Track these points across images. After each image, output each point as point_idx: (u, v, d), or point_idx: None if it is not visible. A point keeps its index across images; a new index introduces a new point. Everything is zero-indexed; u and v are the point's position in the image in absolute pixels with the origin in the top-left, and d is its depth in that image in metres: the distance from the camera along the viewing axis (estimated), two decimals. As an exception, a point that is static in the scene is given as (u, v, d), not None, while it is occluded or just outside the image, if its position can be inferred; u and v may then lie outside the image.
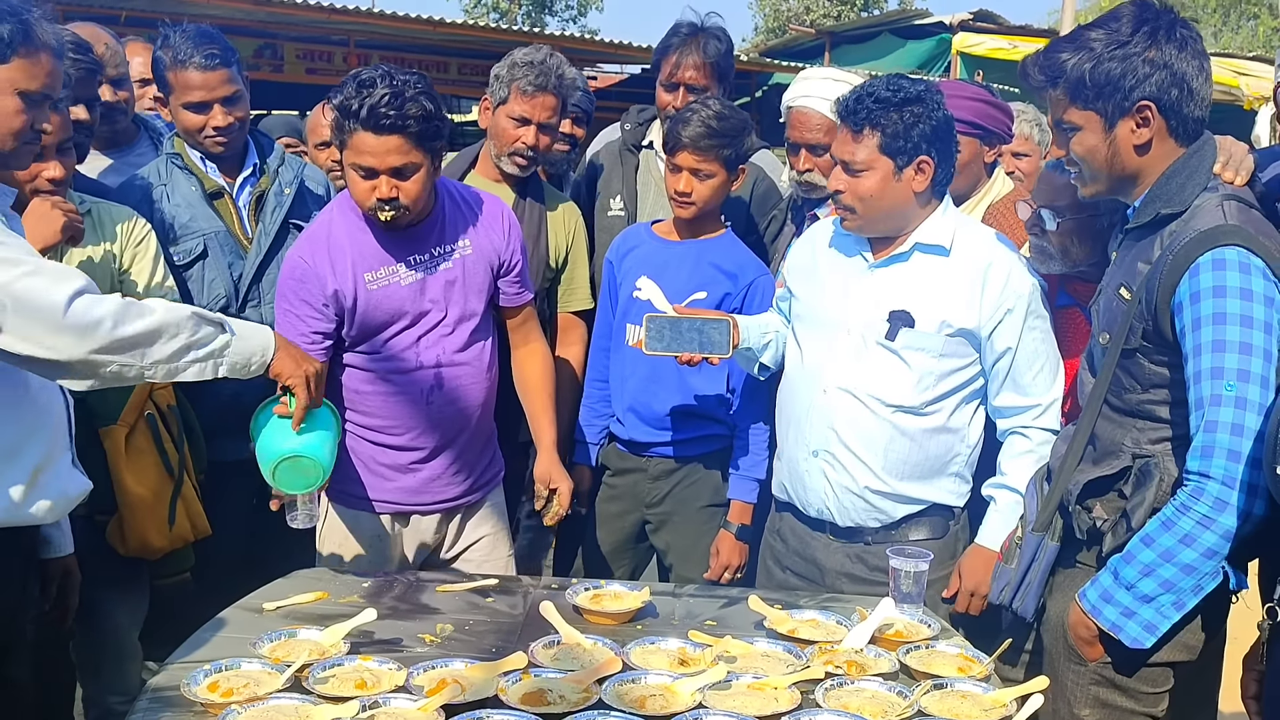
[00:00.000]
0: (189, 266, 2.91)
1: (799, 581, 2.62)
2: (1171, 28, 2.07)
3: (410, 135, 2.40)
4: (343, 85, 2.43)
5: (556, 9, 32.54)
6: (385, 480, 2.68)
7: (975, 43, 11.91)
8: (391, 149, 2.40)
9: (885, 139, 2.40)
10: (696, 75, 3.23)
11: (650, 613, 2.31)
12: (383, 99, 2.36)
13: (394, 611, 2.27)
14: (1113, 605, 2.07)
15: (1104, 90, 2.07)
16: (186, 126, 2.90)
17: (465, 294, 2.67)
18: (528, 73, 3.02)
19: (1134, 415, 2.17)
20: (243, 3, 9.09)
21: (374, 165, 2.41)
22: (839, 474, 2.53)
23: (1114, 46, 2.06)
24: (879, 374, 2.49)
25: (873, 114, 2.39)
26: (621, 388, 3.03)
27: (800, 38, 14.71)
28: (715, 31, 3.28)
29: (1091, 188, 2.21)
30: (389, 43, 11.19)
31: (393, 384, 2.63)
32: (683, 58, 3.23)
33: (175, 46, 2.84)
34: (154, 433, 2.65)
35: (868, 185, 2.43)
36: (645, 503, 3.05)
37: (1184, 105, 2.08)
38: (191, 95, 2.85)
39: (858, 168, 2.42)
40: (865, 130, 2.40)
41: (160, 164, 2.98)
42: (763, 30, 30.90)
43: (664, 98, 3.30)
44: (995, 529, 2.50)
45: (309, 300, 2.56)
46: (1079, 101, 2.11)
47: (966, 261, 2.48)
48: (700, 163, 2.81)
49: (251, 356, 2.12)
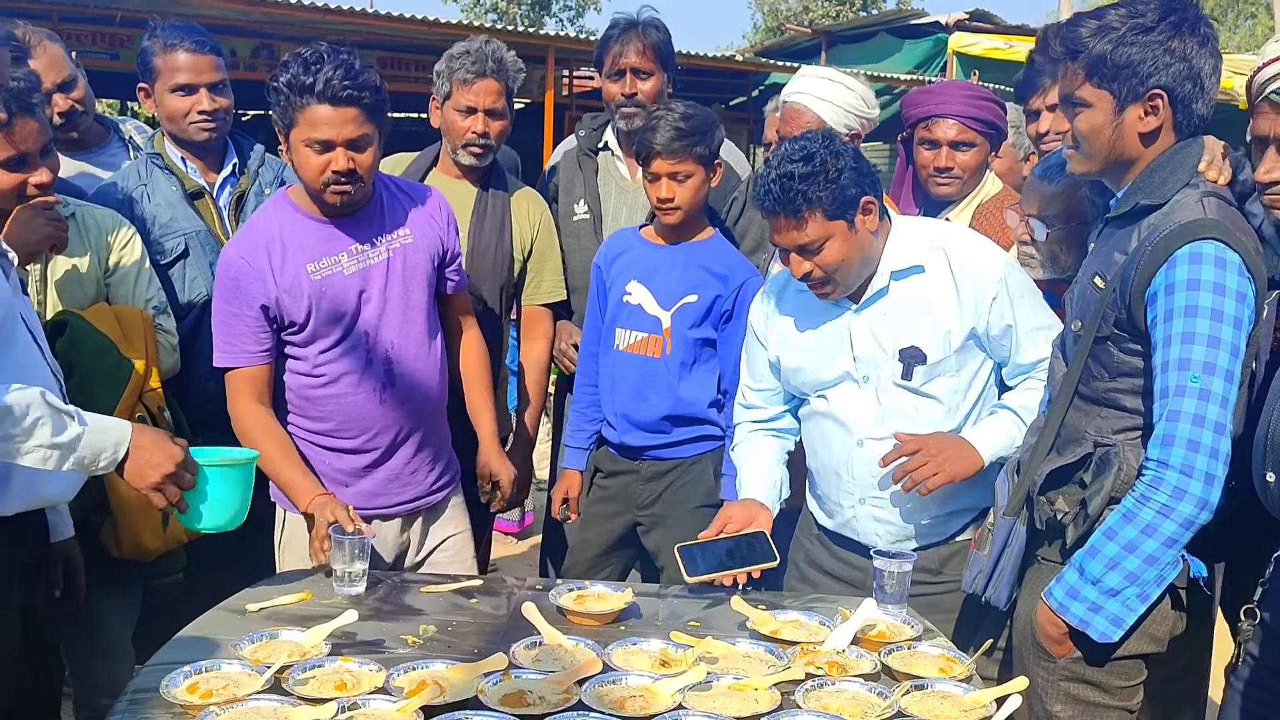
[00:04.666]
0: (170, 265, 2.92)
1: (837, 585, 2.60)
2: (1196, 23, 2.07)
3: (365, 107, 2.43)
4: (286, 65, 2.43)
5: (554, 10, 32.53)
6: (342, 486, 2.64)
7: (971, 42, 11.93)
8: (349, 119, 2.41)
9: (827, 208, 2.35)
10: (640, 60, 3.26)
11: (634, 613, 2.31)
12: (338, 71, 2.38)
13: (377, 612, 2.27)
14: (1079, 601, 2.08)
15: (1121, 72, 2.07)
16: (172, 111, 2.92)
17: (408, 282, 2.64)
18: (465, 62, 3.07)
19: (1100, 404, 2.19)
20: (238, 3, 9.09)
21: (331, 137, 2.41)
22: (892, 515, 2.53)
23: (1138, 31, 2.06)
24: (909, 414, 2.48)
25: (806, 194, 2.34)
26: (612, 392, 3.03)
27: (797, 37, 14.72)
28: (653, 21, 3.32)
29: (1084, 165, 2.21)
30: (385, 43, 11.19)
31: (344, 383, 2.60)
32: (624, 46, 3.26)
33: (164, 34, 2.90)
34: None
35: (832, 255, 2.39)
36: (637, 504, 3.05)
37: (1194, 100, 2.09)
38: (179, 78, 2.89)
39: (815, 245, 2.38)
40: (805, 212, 2.34)
41: (140, 164, 2.99)
42: (761, 29, 30.92)
43: (610, 89, 3.32)
44: (985, 433, 2.47)
45: (248, 300, 2.52)
46: (1094, 79, 2.11)
47: (938, 268, 2.47)
48: (676, 165, 2.82)
49: (101, 453, 1.97)
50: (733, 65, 11.99)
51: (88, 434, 1.92)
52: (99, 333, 2.60)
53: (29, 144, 2.36)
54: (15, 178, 2.37)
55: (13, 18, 3.09)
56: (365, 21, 10.30)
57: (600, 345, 3.06)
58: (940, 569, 2.56)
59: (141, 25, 3.46)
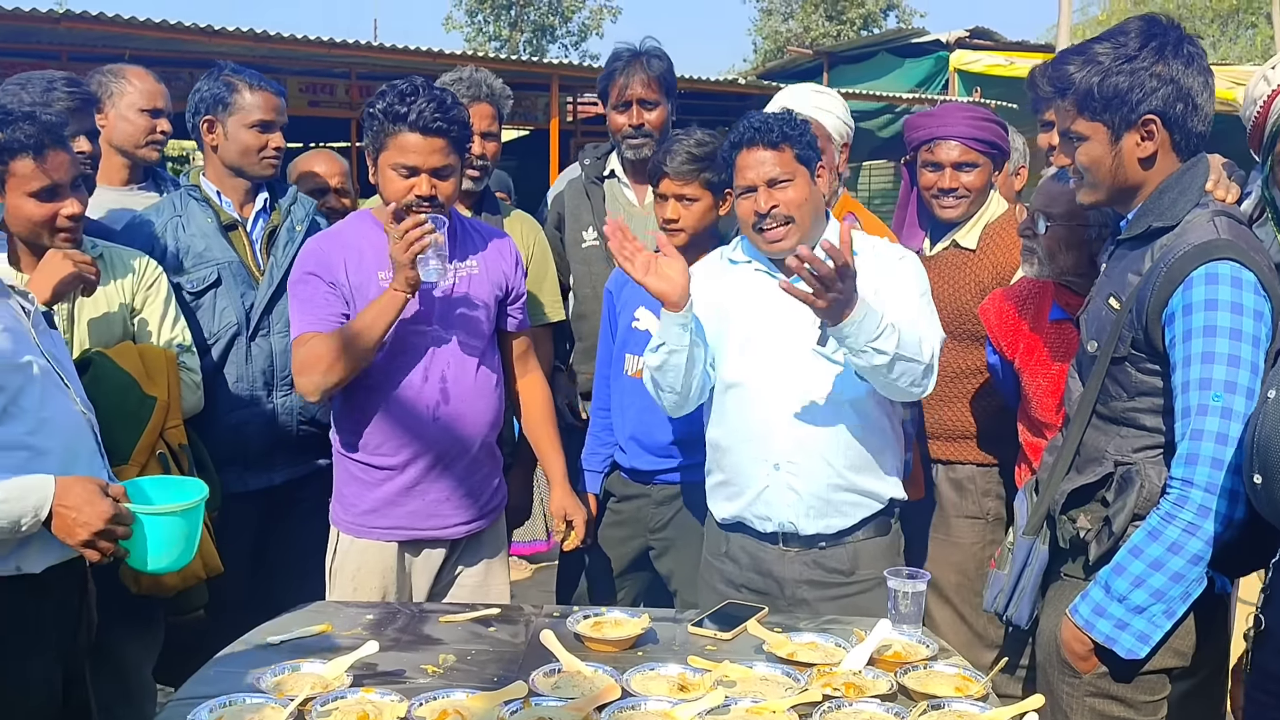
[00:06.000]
0: (202, 294, 2.99)
1: (756, 598, 2.63)
2: (1179, 44, 2.11)
3: (452, 140, 2.60)
4: (382, 94, 2.60)
5: (558, 35, 32.75)
6: (395, 505, 2.73)
7: (972, 60, 12.02)
8: (436, 149, 2.58)
9: (798, 150, 2.54)
10: (645, 91, 3.31)
11: (651, 639, 2.33)
12: (430, 104, 2.55)
13: (396, 643, 2.29)
14: (1106, 619, 2.10)
15: (1111, 102, 2.11)
16: (246, 146, 3.04)
17: (470, 311, 2.75)
18: (458, 88, 3.18)
19: (1119, 423, 2.21)
20: (244, 40, 9.19)
21: (417, 164, 2.57)
22: (806, 484, 2.57)
23: (1122, 60, 2.10)
24: (826, 376, 2.54)
25: (784, 131, 2.53)
26: (622, 416, 3.06)
27: (799, 59, 14.82)
28: (655, 51, 3.38)
29: (1092, 196, 2.25)
30: (391, 74, 11.29)
31: (399, 399, 2.68)
32: (629, 78, 3.31)
33: (245, 73, 3.06)
34: (165, 472, 2.67)
35: (797, 193, 2.54)
36: (649, 528, 3.08)
37: (1188, 120, 2.12)
38: (259, 115, 3.03)
39: (784, 178, 2.52)
40: (781, 144, 2.52)
41: (176, 197, 3.09)
42: (761, 51, 31.06)
43: (617, 120, 3.37)
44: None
45: (327, 275, 2.65)
46: (1086, 112, 2.15)
47: (868, 254, 2.59)
48: (683, 187, 2.90)
49: (21, 518, 1.91)
50: (735, 89, 12.07)
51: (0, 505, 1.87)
52: (122, 370, 2.64)
53: (60, 175, 2.44)
54: (47, 208, 2.44)
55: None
56: (369, 54, 10.41)
57: (611, 370, 3.09)
58: (853, 569, 2.62)
59: (153, 63, 3.54)
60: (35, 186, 2.43)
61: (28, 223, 2.48)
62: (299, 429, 3.09)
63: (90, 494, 1.96)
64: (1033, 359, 2.83)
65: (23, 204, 2.46)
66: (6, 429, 1.94)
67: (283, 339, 3.02)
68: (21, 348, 2.00)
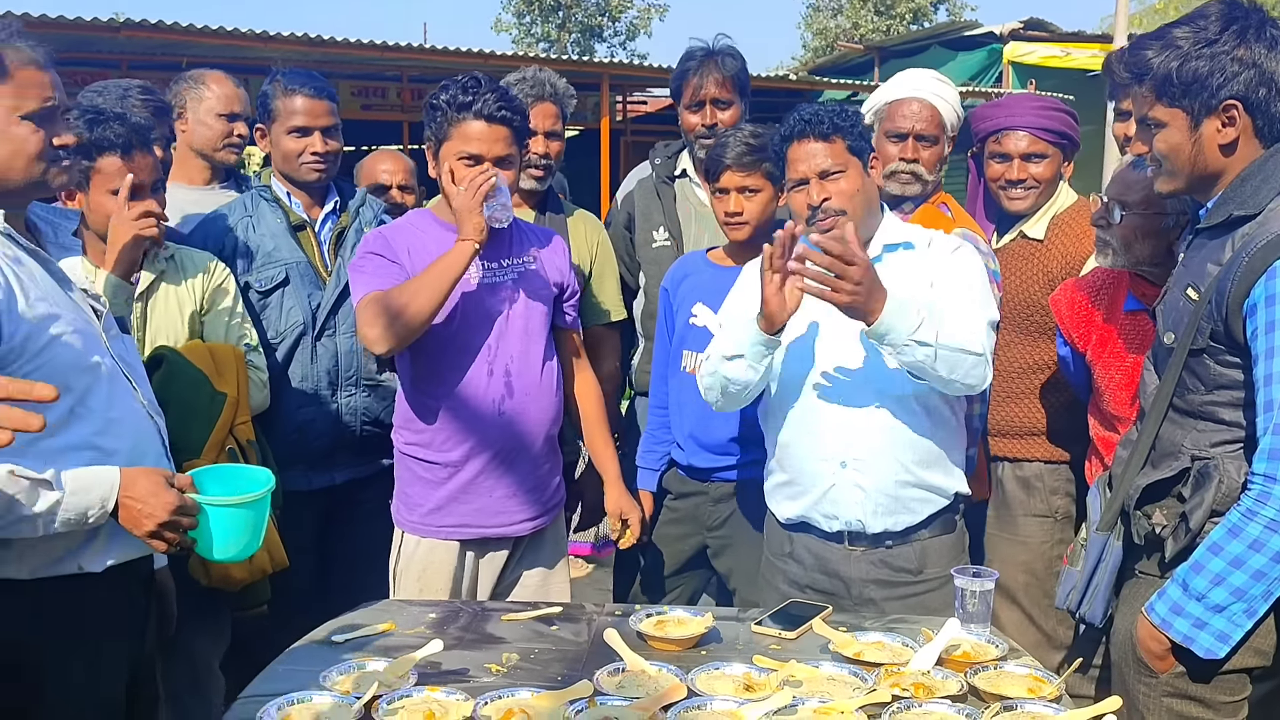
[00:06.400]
0: (270, 293, 3.03)
1: (821, 598, 2.59)
2: (1261, 26, 2.04)
3: (514, 129, 2.64)
4: (445, 87, 2.64)
5: (606, 35, 32.80)
6: (460, 503, 2.74)
7: (1027, 51, 11.84)
8: (500, 137, 2.61)
9: (850, 141, 2.51)
10: (719, 90, 3.29)
11: (714, 638, 2.31)
12: (494, 94, 2.60)
13: (460, 641, 2.29)
14: (1183, 618, 2.04)
15: (1190, 88, 2.05)
16: (287, 152, 3.06)
17: (530, 303, 2.76)
18: (522, 88, 3.21)
19: (1196, 417, 2.14)
20: (300, 45, 9.30)
21: (481, 153, 2.60)
22: (870, 478, 2.53)
23: (1201, 45, 2.04)
24: (887, 370, 2.48)
25: (835, 122, 2.50)
26: (680, 414, 3.04)
27: (849, 54, 14.71)
28: (729, 50, 3.35)
29: (1170, 184, 2.19)
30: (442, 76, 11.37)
31: (463, 395, 2.69)
32: (703, 78, 3.29)
33: (285, 79, 3.06)
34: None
35: (850, 184, 2.50)
36: (707, 526, 3.06)
37: (1271, 105, 2.05)
38: (296, 120, 3.03)
39: (836, 169, 2.49)
40: (833, 135, 2.49)
41: (248, 197, 3.14)
42: (810, 47, 30.89)
43: (690, 120, 3.35)
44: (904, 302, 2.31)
45: (392, 256, 2.66)
46: (1165, 98, 2.09)
47: (925, 249, 2.56)
48: (746, 179, 2.88)
49: (88, 510, 1.91)
50: (787, 84, 11.99)
51: (67, 498, 1.87)
52: (194, 367, 2.69)
53: (144, 176, 2.57)
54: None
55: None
56: (421, 56, 10.49)
57: (669, 368, 3.08)
58: (921, 568, 2.57)
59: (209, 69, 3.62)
60: (119, 185, 2.53)
61: (108, 220, 2.57)
62: (362, 429, 3.11)
63: (156, 485, 1.97)
64: (1106, 351, 2.76)
65: (105, 201, 2.56)
66: (74, 430, 1.96)
67: (348, 339, 3.05)
68: (90, 349, 2.02)
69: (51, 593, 1.96)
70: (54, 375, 1.91)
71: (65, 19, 8.16)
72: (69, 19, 8.19)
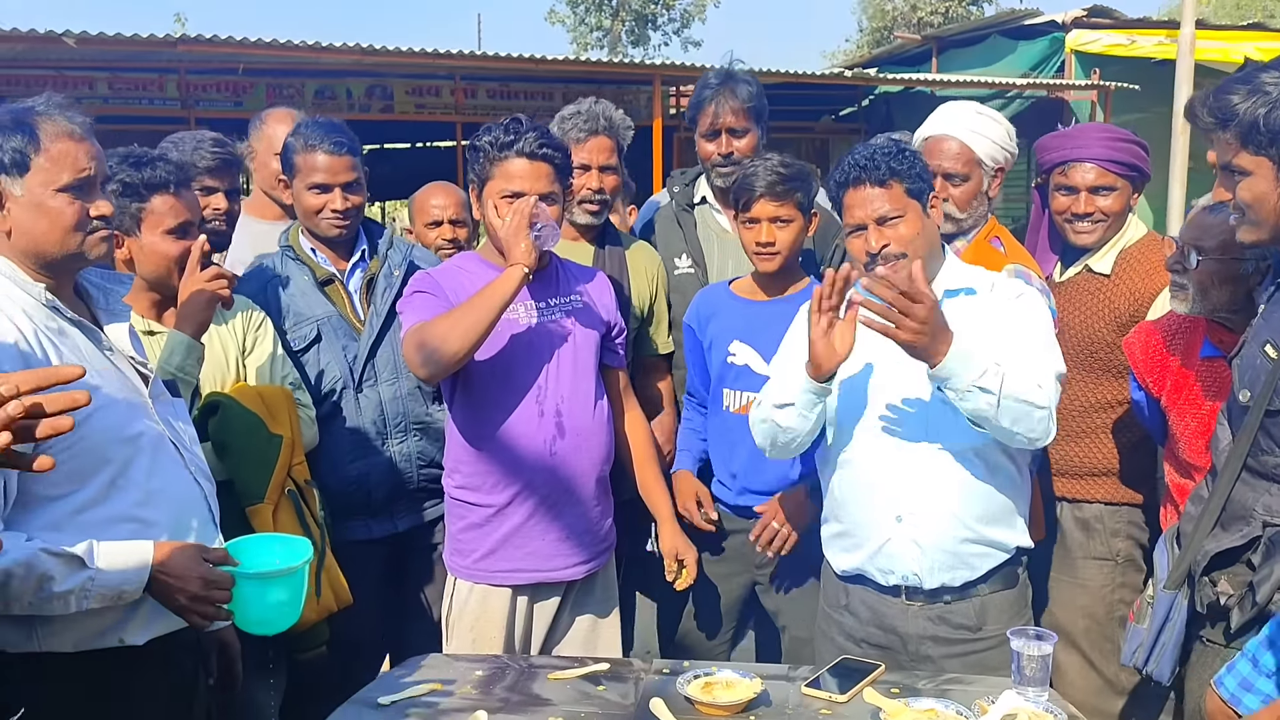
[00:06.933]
0: (304, 351, 2.99)
1: (877, 653, 2.54)
2: None
3: (556, 166, 2.66)
4: (488, 129, 2.66)
5: (660, 23, 32.60)
6: (514, 547, 2.72)
7: (1090, 40, 11.53)
8: (542, 175, 2.63)
9: (908, 184, 2.45)
10: (735, 119, 3.24)
11: (764, 701, 2.26)
12: (535, 133, 2.64)
13: (505, 704, 2.27)
14: (1253, 694, 1.97)
15: (1278, 137, 1.97)
16: (307, 208, 3.02)
17: (579, 342, 2.74)
18: (576, 121, 3.17)
19: (1271, 479, 2.07)
20: (353, 54, 9.34)
21: (525, 190, 2.61)
22: (930, 535, 2.47)
23: None
24: (948, 420, 2.41)
25: (891, 165, 2.43)
26: (730, 454, 3.01)
27: (906, 45, 14.44)
28: (744, 76, 3.30)
29: (1253, 234, 2.11)
30: (494, 77, 11.38)
31: (515, 436, 2.68)
32: (719, 106, 3.24)
33: (305, 133, 3.01)
34: (296, 508, 2.73)
35: (909, 229, 2.44)
36: (755, 564, 3.03)
37: None
38: (315, 177, 2.98)
39: (894, 215, 2.42)
40: (889, 180, 2.43)
41: (275, 257, 3.10)
42: (868, 30, 30.45)
43: (706, 148, 3.31)
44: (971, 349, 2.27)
45: (440, 299, 2.64)
46: (1250, 146, 2.01)
47: (987, 295, 2.49)
48: (779, 209, 2.85)
49: (123, 586, 1.90)
50: (842, 80, 11.82)
51: (99, 574, 1.87)
52: (249, 411, 2.69)
53: (194, 214, 2.61)
54: (182, 245, 2.58)
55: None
56: (475, 64, 10.50)
57: (710, 405, 3.04)
58: (980, 625, 2.50)
59: (262, 74, 3.64)
60: (172, 223, 2.56)
61: (164, 260, 2.58)
62: (419, 473, 3.07)
63: (189, 559, 1.97)
64: (1181, 397, 2.67)
65: (159, 243, 2.57)
66: (115, 501, 1.96)
67: (391, 387, 3.02)
68: (133, 419, 2.03)
69: (94, 666, 1.97)
70: (93, 448, 1.93)
71: (123, 36, 8.25)
72: (126, 35, 8.29)
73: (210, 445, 2.62)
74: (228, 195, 3.06)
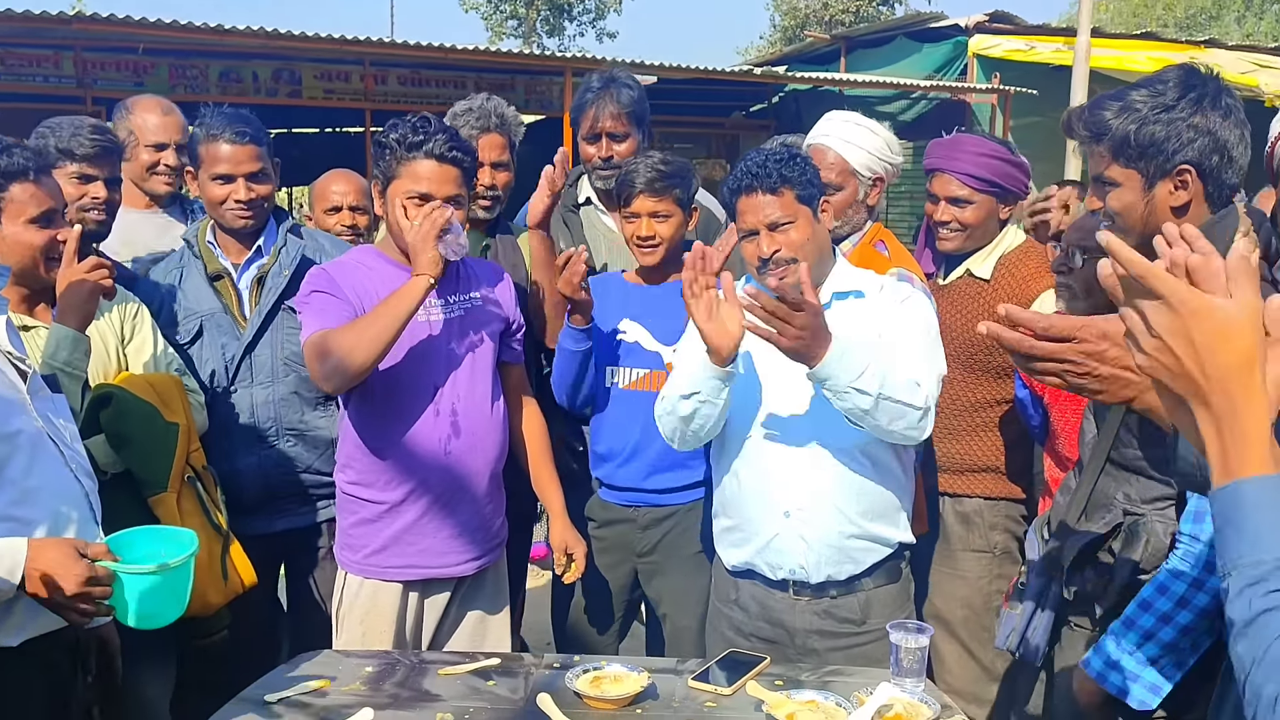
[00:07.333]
0: (189, 345, 2.96)
1: (765, 647, 2.60)
2: (1217, 95, 2.08)
3: (464, 170, 2.65)
4: (395, 125, 2.62)
5: (575, 13, 32.52)
6: (407, 544, 2.72)
7: (992, 44, 11.83)
8: (450, 178, 2.61)
9: (799, 190, 2.50)
10: (615, 124, 3.30)
11: (651, 694, 2.31)
12: (444, 134, 2.61)
13: (394, 700, 2.28)
14: (1117, 671, 2.13)
15: (1146, 151, 2.09)
16: (211, 198, 2.97)
17: (477, 342, 2.75)
18: (469, 118, 3.18)
19: (1131, 470, 2.21)
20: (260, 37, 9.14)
21: (431, 191, 2.59)
22: (814, 529, 2.54)
23: (1159, 110, 2.08)
24: (833, 418, 2.47)
25: (782, 173, 2.48)
26: (618, 429, 3.04)
27: (816, 44, 14.65)
28: (625, 80, 3.36)
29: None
30: (405, 64, 11.24)
31: (410, 434, 2.67)
32: (600, 110, 3.29)
33: (209, 123, 2.95)
34: (197, 494, 2.71)
35: (800, 234, 2.50)
36: (636, 552, 3.09)
37: (1223, 172, 2.09)
38: (219, 167, 2.93)
39: (785, 221, 2.49)
40: (781, 187, 2.48)
41: (184, 249, 3.06)
42: (780, 27, 30.77)
43: (587, 150, 3.36)
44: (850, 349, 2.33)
45: (339, 297, 2.60)
46: (1121, 159, 2.12)
47: (876, 298, 2.57)
48: (658, 204, 2.92)
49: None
50: (750, 78, 11.94)
51: None
52: (142, 401, 2.65)
53: (57, 201, 2.49)
54: (46, 234, 2.46)
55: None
56: (385, 50, 10.36)
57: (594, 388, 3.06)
58: (864, 618, 2.59)
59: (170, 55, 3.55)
60: (34, 212, 2.44)
61: (28, 251, 2.47)
62: (291, 479, 3.03)
63: (64, 555, 1.91)
64: (1062, 394, 2.78)
65: (21, 232, 2.45)
66: None
67: (265, 389, 2.97)
68: (11, 416, 1.98)
69: None
70: None
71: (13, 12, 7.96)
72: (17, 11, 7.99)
73: (104, 437, 2.57)
74: (107, 184, 2.95)
